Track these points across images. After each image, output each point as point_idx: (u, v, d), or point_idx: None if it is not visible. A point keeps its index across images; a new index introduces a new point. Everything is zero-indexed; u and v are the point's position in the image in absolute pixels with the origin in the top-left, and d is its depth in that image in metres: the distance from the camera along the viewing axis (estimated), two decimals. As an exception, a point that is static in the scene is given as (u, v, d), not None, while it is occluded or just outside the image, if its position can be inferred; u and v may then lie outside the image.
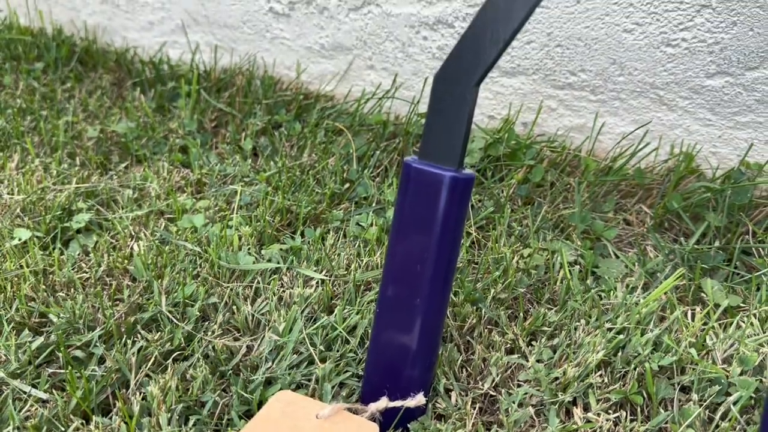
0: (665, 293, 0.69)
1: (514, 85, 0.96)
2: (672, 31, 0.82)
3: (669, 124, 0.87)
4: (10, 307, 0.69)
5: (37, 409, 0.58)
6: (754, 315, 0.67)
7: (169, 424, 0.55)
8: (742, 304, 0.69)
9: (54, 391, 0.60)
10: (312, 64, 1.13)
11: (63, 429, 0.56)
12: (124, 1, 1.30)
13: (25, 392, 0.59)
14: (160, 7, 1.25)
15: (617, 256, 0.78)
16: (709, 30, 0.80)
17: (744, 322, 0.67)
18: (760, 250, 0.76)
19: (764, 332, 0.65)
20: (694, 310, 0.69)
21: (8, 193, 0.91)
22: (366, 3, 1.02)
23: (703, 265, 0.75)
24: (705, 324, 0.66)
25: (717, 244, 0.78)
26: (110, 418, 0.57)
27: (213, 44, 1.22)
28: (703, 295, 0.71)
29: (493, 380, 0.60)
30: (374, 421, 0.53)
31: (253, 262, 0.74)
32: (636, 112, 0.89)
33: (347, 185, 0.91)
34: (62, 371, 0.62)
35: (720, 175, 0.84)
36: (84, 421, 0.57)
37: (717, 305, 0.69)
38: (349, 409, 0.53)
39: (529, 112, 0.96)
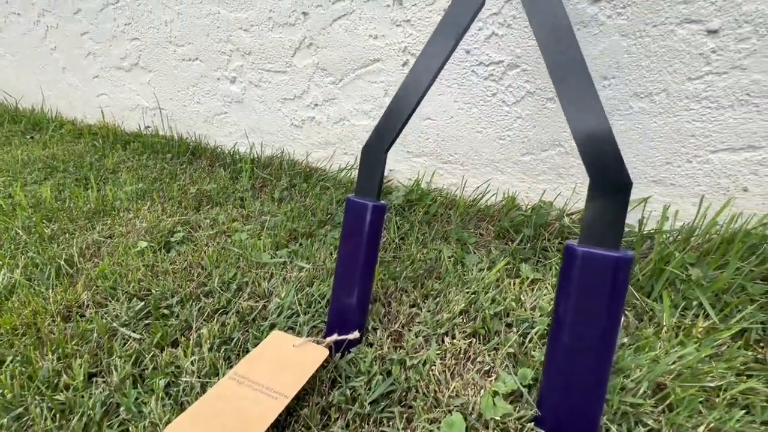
0: (498, 272, 0.66)
1: (420, 161, 0.94)
2: (502, 131, 0.81)
3: (502, 181, 0.86)
4: (129, 285, 0.63)
5: (133, 344, 0.52)
6: (548, 284, 0.65)
7: (210, 351, 0.50)
8: (541, 278, 0.67)
9: (145, 333, 0.54)
10: (314, 152, 1.10)
11: (147, 355, 0.50)
12: (217, 121, 1.27)
13: (127, 334, 0.54)
14: (234, 124, 1.22)
15: (475, 253, 0.75)
16: (521, 130, 0.80)
17: (542, 288, 0.64)
18: (551, 248, 0.74)
19: (552, 292, 0.62)
20: (515, 281, 0.66)
21: (139, 222, 0.85)
22: (341, 119, 1.00)
23: (521, 257, 0.72)
24: (521, 288, 0.63)
25: (529, 245, 0.75)
26: (176, 348, 0.52)
27: (261, 143, 1.19)
28: (521, 273, 0.68)
29: (401, 323, 0.56)
30: (329, 347, 0.49)
31: (270, 258, 0.70)
32: (484, 176, 0.87)
33: (329, 216, 0.87)
34: (153, 322, 0.56)
35: (529, 208, 0.82)
36: (160, 351, 0.51)
37: (528, 278, 0.66)
38: (314, 341, 0.48)
39: (428, 176, 0.94)
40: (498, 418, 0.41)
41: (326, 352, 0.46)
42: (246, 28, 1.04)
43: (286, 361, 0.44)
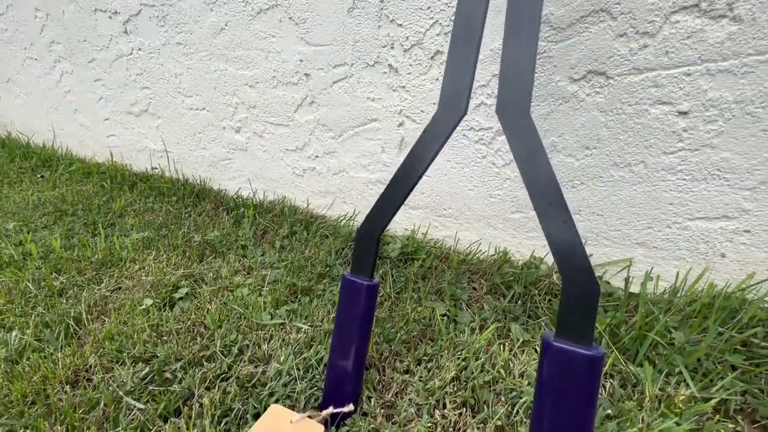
0: (490, 334, 0.68)
1: (416, 214, 0.98)
2: (493, 190, 0.86)
3: (494, 236, 0.89)
4: (134, 347, 0.66)
5: (138, 414, 0.55)
6: (536, 346, 0.67)
7: (211, 424, 0.52)
8: (531, 339, 0.69)
9: (148, 403, 0.57)
10: (314, 200, 1.15)
11: (151, 427, 0.53)
12: (221, 166, 1.32)
13: (132, 404, 0.56)
14: (238, 170, 1.28)
15: (468, 309, 0.78)
16: (511, 190, 0.84)
17: (530, 351, 0.66)
18: (540, 305, 0.77)
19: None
20: (505, 342, 0.68)
21: (145, 276, 0.89)
22: (341, 171, 1.05)
23: (511, 315, 0.75)
24: (510, 351, 0.66)
25: (519, 302, 0.78)
26: (179, 418, 0.54)
27: (264, 189, 1.24)
28: (511, 333, 0.70)
29: (394, 391, 0.58)
30: (326, 420, 0.51)
31: (270, 319, 0.72)
32: (478, 230, 0.91)
33: (328, 268, 0.91)
34: (157, 388, 0.59)
35: (520, 264, 0.85)
36: (163, 422, 0.54)
37: (518, 339, 0.69)
38: (310, 416, 0.51)
39: (423, 227, 0.98)
40: (484, 499, 0.43)
41: (322, 429, 0.48)
42: (251, 84, 1.11)
43: (283, 438, 0.47)
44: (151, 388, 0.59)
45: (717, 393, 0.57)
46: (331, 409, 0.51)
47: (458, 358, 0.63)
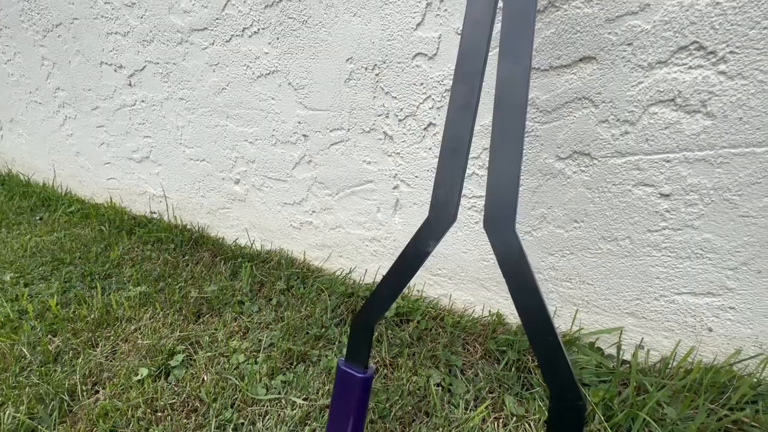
0: (485, 408, 0.69)
1: (411, 272, 0.99)
2: (486, 254, 0.88)
3: (488, 298, 0.91)
4: (128, 426, 0.66)
5: None
6: (531, 422, 0.68)
7: None
8: (525, 414, 0.69)
9: (141, 494, 0.56)
10: (311, 252, 1.16)
11: None
12: (220, 214, 1.34)
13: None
14: (236, 219, 1.30)
15: (462, 375, 0.78)
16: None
17: (526, 429, 0.66)
18: (534, 372, 0.77)
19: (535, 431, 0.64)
20: (500, 417, 0.69)
21: (141, 338, 0.89)
22: (337, 227, 1.07)
23: (506, 385, 0.75)
24: (506, 426, 0.66)
25: (513, 369, 0.79)
26: None
27: (261, 239, 1.26)
28: (505, 406, 0.71)
29: (388, 478, 0.58)
30: None
31: (265, 393, 0.73)
32: (472, 291, 0.92)
33: (324, 329, 0.91)
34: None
35: (514, 330, 0.86)
36: None
37: (512, 414, 0.69)
38: None
39: (419, 285, 0.99)
40: None
41: None
42: (251, 141, 1.14)
43: None
44: (144, 474, 0.59)
45: (709, 479, 0.57)
46: (324, 505, 0.51)
47: (452, 439, 0.63)
